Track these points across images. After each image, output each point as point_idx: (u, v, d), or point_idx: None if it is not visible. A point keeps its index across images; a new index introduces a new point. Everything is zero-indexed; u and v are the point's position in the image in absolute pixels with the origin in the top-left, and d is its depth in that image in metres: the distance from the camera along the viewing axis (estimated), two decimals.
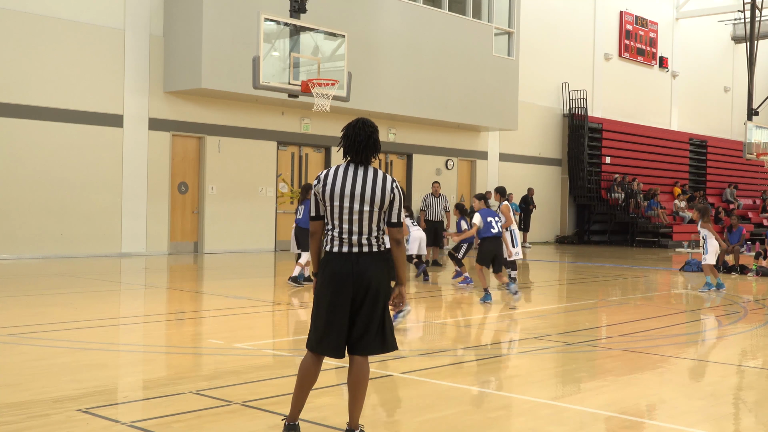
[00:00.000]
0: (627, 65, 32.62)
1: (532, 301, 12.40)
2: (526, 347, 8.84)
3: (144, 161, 18.48)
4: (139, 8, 18.31)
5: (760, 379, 7.63)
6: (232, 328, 9.24)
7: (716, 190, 35.78)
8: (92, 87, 17.66)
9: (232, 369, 7.08)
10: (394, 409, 6.01)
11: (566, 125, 29.54)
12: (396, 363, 7.27)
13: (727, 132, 38.24)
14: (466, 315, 11.28)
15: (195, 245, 19.61)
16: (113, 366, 7.26)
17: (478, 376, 7.23)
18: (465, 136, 25.63)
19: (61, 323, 9.22)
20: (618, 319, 10.82)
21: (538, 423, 5.77)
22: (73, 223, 17.32)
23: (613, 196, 29.43)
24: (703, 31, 36.60)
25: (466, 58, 23.44)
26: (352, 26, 18.59)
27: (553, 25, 28.84)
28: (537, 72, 27.96)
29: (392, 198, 4.91)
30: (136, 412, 5.72)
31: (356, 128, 4.95)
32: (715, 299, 13.34)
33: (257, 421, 5.42)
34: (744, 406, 6.57)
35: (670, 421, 5.78)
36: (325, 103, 14.65)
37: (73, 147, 17.37)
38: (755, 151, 28.14)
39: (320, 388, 6.29)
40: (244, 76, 16.09)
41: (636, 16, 32.81)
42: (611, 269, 18.79)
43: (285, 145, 21.22)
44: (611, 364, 8.02)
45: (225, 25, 17.96)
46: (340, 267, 4.86)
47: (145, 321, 10.05)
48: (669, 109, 35.19)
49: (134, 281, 14.53)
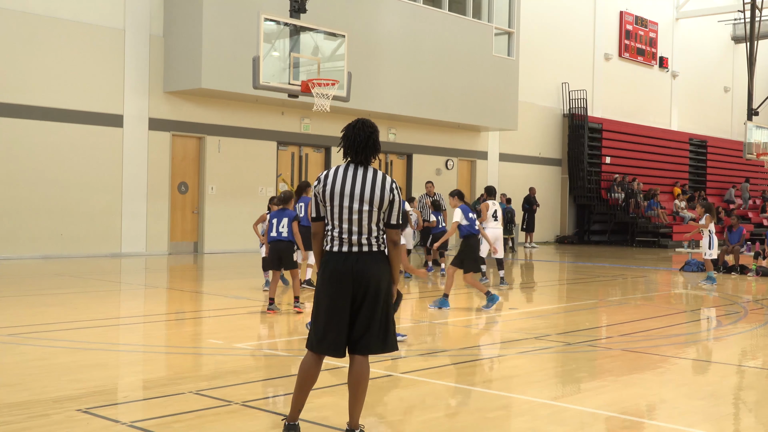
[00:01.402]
0: (627, 65, 32.63)
1: (533, 301, 12.39)
2: (526, 347, 8.83)
3: (144, 161, 18.48)
4: (139, 8, 18.32)
5: (760, 379, 7.63)
6: (232, 328, 9.24)
7: (716, 190, 35.80)
8: (92, 87, 17.67)
9: (232, 369, 7.08)
10: (394, 409, 6.01)
11: (566, 125, 29.54)
12: (396, 363, 7.27)
13: (727, 132, 38.24)
14: (466, 315, 11.27)
15: (195, 245, 19.61)
16: (113, 366, 7.26)
17: (478, 376, 7.23)
18: (465, 136, 25.63)
19: (61, 323, 9.22)
20: (618, 319, 10.82)
21: (537, 423, 5.77)
22: (73, 223, 17.32)
23: (613, 196, 29.43)
24: (703, 31, 36.60)
25: (466, 58, 23.44)
26: (352, 26, 18.59)
27: (553, 25, 28.84)
28: (537, 72, 27.96)
29: (391, 199, 4.91)
30: (136, 412, 5.72)
31: (356, 129, 4.96)
32: (710, 295, 13.35)
33: (257, 421, 5.42)
34: (744, 406, 6.57)
35: (670, 421, 5.78)
36: (325, 103, 14.65)
37: (73, 147, 17.37)
38: (755, 151, 28.15)
39: (320, 388, 6.29)
40: (244, 76, 16.09)
41: (636, 16, 32.81)
42: (611, 269, 18.78)
43: (285, 145, 21.22)
44: (611, 364, 8.02)
45: (225, 25, 17.96)
46: (339, 266, 4.88)
47: (145, 321, 10.05)
48: (669, 109, 35.19)
49: (134, 281, 14.53)
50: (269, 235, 10.31)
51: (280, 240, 10.19)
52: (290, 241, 10.29)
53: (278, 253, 10.22)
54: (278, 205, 10.59)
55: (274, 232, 10.20)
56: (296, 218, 10.40)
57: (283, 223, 10.21)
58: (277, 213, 10.39)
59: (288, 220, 10.22)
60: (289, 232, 10.22)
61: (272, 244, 10.26)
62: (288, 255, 10.27)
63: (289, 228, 10.21)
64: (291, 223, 10.23)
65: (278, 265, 10.32)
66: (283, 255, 10.23)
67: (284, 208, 10.46)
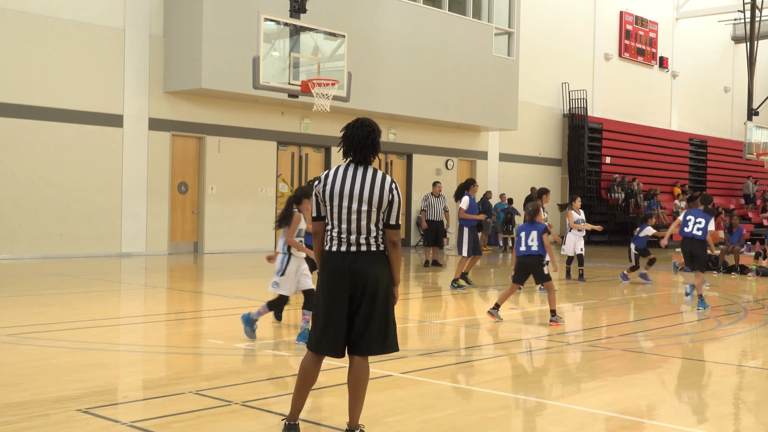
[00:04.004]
0: (627, 65, 32.63)
1: (533, 302, 12.39)
2: (526, 347, 8.83)
3: (144, 161, 18.48)
4: (139, 8, 18.31)
5: (760, 379, 7.63)
6: (233, 329, 9.22)
7: (716, 190, 35.79)
8: (92, 87, 17.67)
9: (232, 369, 7.08)
10: (394, 409, 6.01)
11: (566, 125, 29.54)
12: (396, 363, 7.27)
13: (727, 132, 38.24)
14: (466, 315, 11.28)
15: (195, 245, 19.61)
16: (113, 366, 7.26)
17: (478, 376, 7.22)
18: (465, 136, 25.64)
19: (61, 323, 9.21)
20: (618, 319, 10.82)
21: (537, 423, 5.78)
22: (73, 223, 17.32)
23: (613, 196, 29.43)
24: (703, 31, 36.61)
25: (466, 58, 23.44)
26: (352, 26, 18.60)
27: (552, 25, 28.84)
28: (537, 72, 27.96)
29: (391, 199, 4.91)
30: (136, 412, 5.71)
31: (355, 128, 4.97)
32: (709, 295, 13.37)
33: (257, 421, 5.42)
34: (744, 406, 6.57)
35: (670, 421, 5.78)
36: (325, 103, 14.65)
37: (73, 147, 17.37)
38: (755, 151, 28.16)
39: (320, 388, 6.30)
40: (244, 76, 16.09)
41: (636, 16, 32.81)
42: (611, 269, 18.80)
43: (285, 145, 21.22)
44: (611, 364, 8.02)
45: (225, 25, 17.96)
46: (337, 266, 4.88)
47: (145, 321, 10.06)
48: (669, 109, 35.19)
49: (134, 281, 14.53)
50: (519, 250, 10.08)
51: (529, 255, 10.03)
52: (539, 255, 10.01)
53: (525, 267, 10.08)
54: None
55: (523, 247, 10.03)
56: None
57: (532, 237, 9.98)
58: (525, 227, 10.16)
59: (537, 233, 9.96)
60: (539, 246, 9.96)
61: (521, 259, 10.09)
62: (536, 268, 9.98)
63: (538, 241, 9.95)
64: (541, 236, 10.00)
65: (527, 277, 10.23)
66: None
67: (531, 221, 10.14)
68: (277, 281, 8.25)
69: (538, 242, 9.92)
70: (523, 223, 10.26)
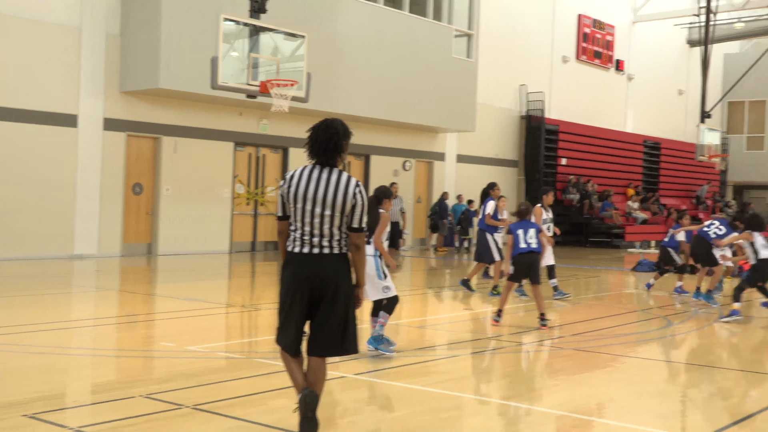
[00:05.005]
0: (584, 67, 33.04)
1: (487, 302, 12.49)
2: (479, 347, 8.91)
3: (98, 162, 18.20)
4: (96, 6, 18.00)
5: (708, 377, 7.79)
6: (185, 331, 9.15)
7: (669, 191, 36.42)
8: (46, 86, 17.33)
9: (184, 372, 7.02)
10: (349, 410, 6.02)
11: (524, 127, 29.79)
12: (349, 364, 7.27)
13: (681, 134, 38.93)
14: (418, 316, 11.33)
15: (149, 246, 19.38)
16: (62, 370, 7.14)
17: (431, 377, 7.26)
18: (423, 137, 25.73)
19: (9, 327, 9.03)
20: (570, 319, 10.96)
21: (490, 423, 5.83)
22: (25, 224, 16.98)
23: (568, 197, 29.79)
24: (659, 35, 37.21)
25: (425, 60, 23.52)
26: (312, 27, 18.54)
27: (512, 28, 29.08)
28: (496, 74, 28.16)
29: (354, 203, 4.91)
30: (84, 417, 5.64)
31: (319, 130, 4.98)
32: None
33: (208, 425, 5.39)
34: (692, 404, 6.71)
35: (619, 420, 5.88)
36: (283, 103, 14.59)
37: (26, 147, 17.03)
38: (707, 153, 28.69)
39: (275, 390, 6.29)
40: (202, 76, 15.93)
41: (594, 19, 33.23)
42: (565, 269, 19.03)
43: (242, 145, 21.08)
44: (563, 363, 8.12)
45: (184, 25, 17.76)
46: (299, 268, 4.92)
47: (95, 324, 9.91)
48: (624, 111, 35.71)
49: (86, 284, 14.32)
50: (518, 247, 9.98)
51: (531, 252, 9.99)
52: (539, 253, 10.12)
53: (528, 265, 10.01)
54: (518, 217, 10.37)
55: (524, 244, 9.96)
56: (540, 230, 10.30)
57: (531, 234, 9.99)
58: (521, 224, 10.12)
59: (535, 231, 10.03)
60: (538, 244, 9.99)
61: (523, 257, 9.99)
62: (536, 266, 10.09)
63: (537, 239, 9.99)
64: (538, 234, 10.05)
65: (526, 276, 10.17)
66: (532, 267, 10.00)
67: (525, 219, 10.15)
68: (386, 285, 7.84)
69: (536, 240, 10.04)
70: (516, 222, 10.33)
